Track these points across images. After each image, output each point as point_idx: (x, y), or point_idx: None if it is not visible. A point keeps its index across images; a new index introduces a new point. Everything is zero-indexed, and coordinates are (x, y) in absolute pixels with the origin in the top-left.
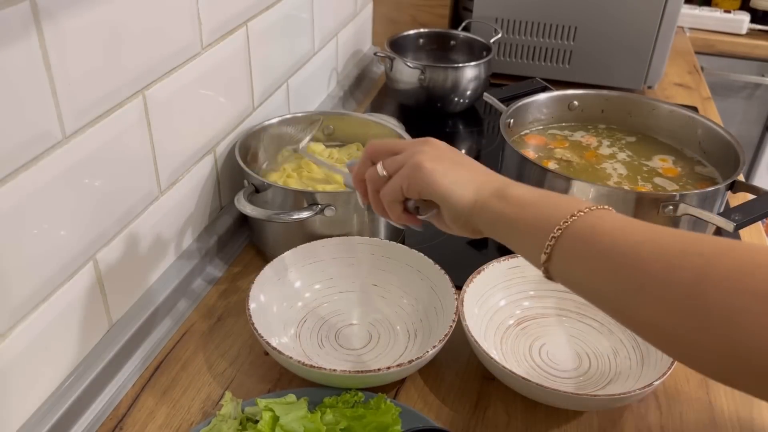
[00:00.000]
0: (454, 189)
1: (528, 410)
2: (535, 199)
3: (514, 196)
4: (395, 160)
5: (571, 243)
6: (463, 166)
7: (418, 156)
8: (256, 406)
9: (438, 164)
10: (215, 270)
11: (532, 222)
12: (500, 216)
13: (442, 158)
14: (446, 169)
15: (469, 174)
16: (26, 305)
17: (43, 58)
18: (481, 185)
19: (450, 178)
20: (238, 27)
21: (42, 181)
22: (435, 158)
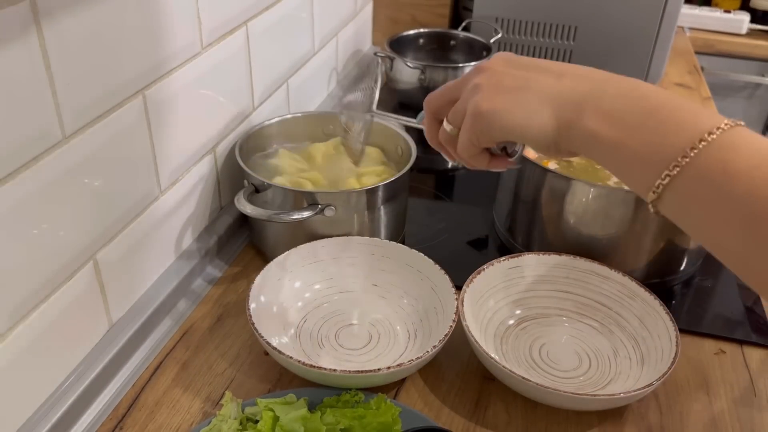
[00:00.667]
0: (528, 124)
1: (528, 410)
2: (641, 119)
3: (611, 114)
4: (456, 111)
5: (692, 184)
6: (528, 87)
7: (475, 99)
8: (256, 406)
9: (498, 101)
10: (215, 270)
11: (640, 150)
12: (595, 139)
13: (501, 89)
14: (509, 103)
15: (538, 95)
16: (26, 305)
17: (43, 58)
18: (559, 104)
19: (518, 114)
20: (238, 27)
21: (42, 181)
22: (492, 94)
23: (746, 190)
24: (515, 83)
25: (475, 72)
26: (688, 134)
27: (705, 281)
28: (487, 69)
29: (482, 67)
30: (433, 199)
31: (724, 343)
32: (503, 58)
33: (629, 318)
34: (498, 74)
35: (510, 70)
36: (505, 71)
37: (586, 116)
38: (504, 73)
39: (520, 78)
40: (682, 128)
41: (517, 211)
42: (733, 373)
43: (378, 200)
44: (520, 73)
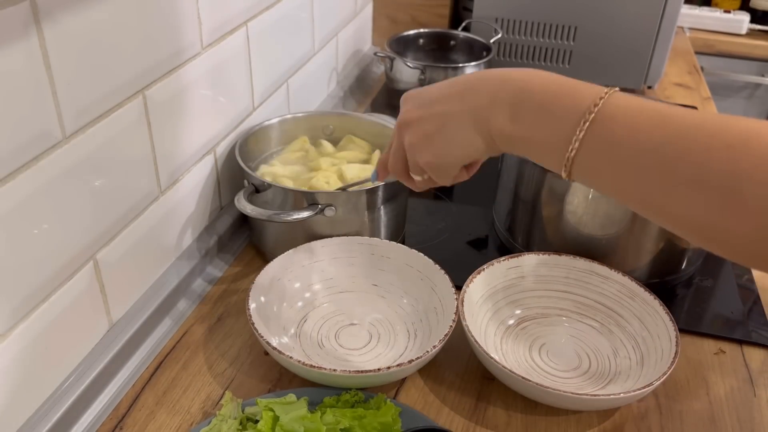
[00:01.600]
0: (467, 152)
1: (528, 410)
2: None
3: (512, 118)
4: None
5: (590, 157)
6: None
7: (420, 156)
8: (256, 406)
9: (434, 149)
10: (215, 270)
11: (544, 140)
12: (511, 139)
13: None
14: (443, 146)
15: (457, 126)
16: (26, 305)
17: (43, 58)
18: (475, 123)
19: (455, 150)
20: (238, 27)
21: (42, 181)
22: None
23: (632, 153)
24: (435, 125)
25: (402, 128)
26: (574, 118)
27: (705, 281)
28: (408, 124)
29: (404, 122)
30: (433, 199)
31: (724, 343)
32: (411, 103)
33: (629, 318)
34: (418, 124)
35: (423, 113)
36: (421, 117)
37: (497, 125)
38: (421, 120)
39: (435, 117)
40: (568, 114)
41: (517, 211)
42: (732, 373)
43: (378, 200)
44: (433, 112)
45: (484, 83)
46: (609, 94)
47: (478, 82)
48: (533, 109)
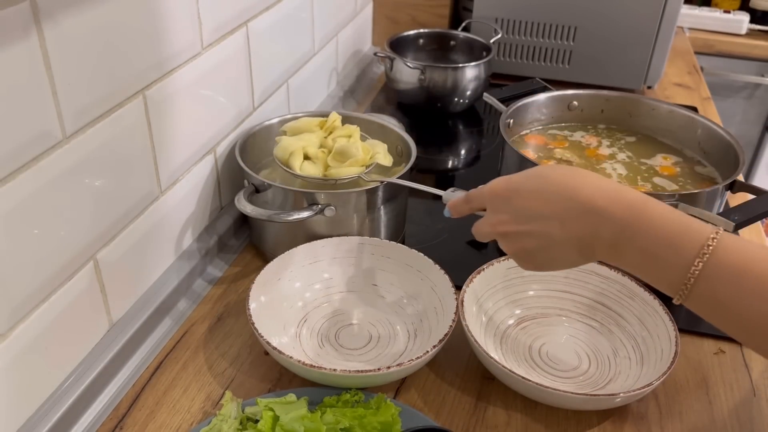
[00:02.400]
0: (563, 268)
1: (528, 410)
2: (639, 259)
3: (615, 256)
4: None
5: (708, 286)
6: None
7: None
8: (257, 406)
9: (534, 265)
10: (215, 270)
11: (650, 278)
12: (621, 265)
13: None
14: (543, 263)
15: (560, 249)
16: (26, 305)
17: (43, 58)
18: (578, 248)
19: (554, 267)
20: (238, 27)
21: (42, 181)
22: (526, 261)
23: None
24: (536, 245)
25: (499, 235)
26: (678, 270)
27: None
28: (505, 235)
29: (501, 233)
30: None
31: (724, 342)
32: (506, 212)
33: (629, 318)
34: (517, 238)
35: (522, 229)
36: (519, 233)
37: (601, 255)
38: (520, 235)
39: (536, 237)
40: (671, 267)
41: None
42: (732, 373)
43: (378, 200)
44: (533, 230)
45: (582, 213)
46: (718, 238)
47: (576, 209)
48: (637, 252)
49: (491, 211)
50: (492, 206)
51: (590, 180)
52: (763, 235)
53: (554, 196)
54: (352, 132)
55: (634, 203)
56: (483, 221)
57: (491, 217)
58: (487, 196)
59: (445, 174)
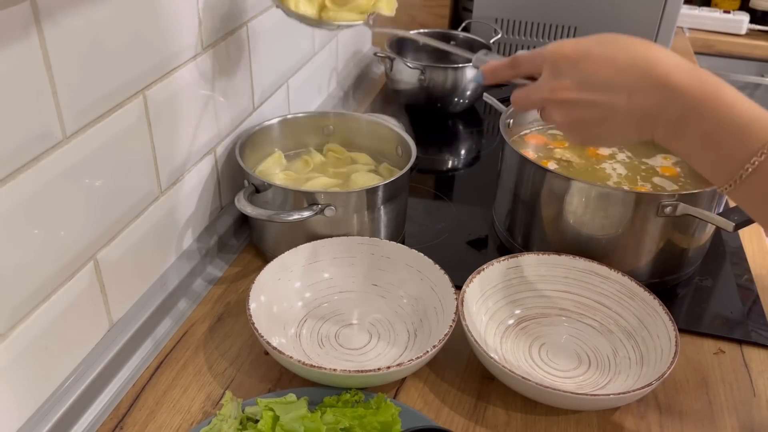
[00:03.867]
0: (617, 142)
1: (528, 410)
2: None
3: (677, 135)
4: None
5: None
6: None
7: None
8: (257, 406)
9: (588, 136)
10: (215, 270)
11: (708, 163)
12: (673, 151)
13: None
14: (599, 135)
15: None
16: (26, 305)
17: (44, 58)
18: (638, 124)
19: (609, 140)
20: (238, 27)
21: (42, 181)
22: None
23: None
24: (595, 115)
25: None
26: (736, 162)
27: (704, 281)
28: (563, 102)
29: (557, 101)
30: (433, 199)
31: (724, 342)
32: (570, 76)
33: (629, 318)
34: (576, 106)
35: (584, 97)
36: (580, 101)
37: (660, 135)
38: (580, 104)
39: (597, 107)
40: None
41: (517, 211)
42: (732, 373)
43: (378, 200)
44: (596, 100)
45: (654, 86)
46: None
47: (649, 81)
48: (700, 135)
49: (552, 74)
50: (554, 69)
51: (666, 54)
52: (762, 235)
53: (628, 66)
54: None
55: (708, 84)
56: (536, 86)
57: (550, 82)
58: (549, 57)
59: (445, 174)
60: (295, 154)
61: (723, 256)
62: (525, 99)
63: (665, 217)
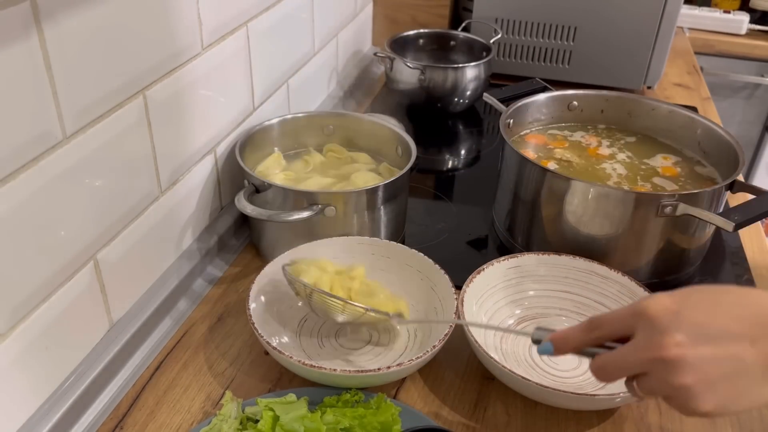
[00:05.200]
0: (750, 408)
1: (528, 410)
2: None
3: None
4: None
5: None
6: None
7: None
8: (257, 406)
9: (717, 399)
10: (215, 270)
11: None
12: None
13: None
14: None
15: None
16: (26, 305)
17: (44, 58)
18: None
19: (741, 404)
20: (238, 27)
21: (42, 181)
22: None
23: None
24: (722, 370)
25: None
26: None
27: (705, 281)
28: (684, 365)
29: (676, 362)
30: (433, 199)
31: None
32: (681, 330)
33: None
34: (700, 367)
35: (706, 353)
36: (702, 357)
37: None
38: (705, 361)
39: (722, 361)
40: None
41: (517, 211)
42: None
43: (378, 200)
44: (719, 353)
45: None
46: None
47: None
48: None
49: (653, 331)
50: (655, 324)
51: (761, 291)
52: (762, 236)
53: (735, 308)
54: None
55: None
56: (634, 347)
57: (653, 339)
58: (643, 311)
59: (445, 174)
60: (295, 154)
61: (723, 256)
62: (618, 364)
63: (665, 217)
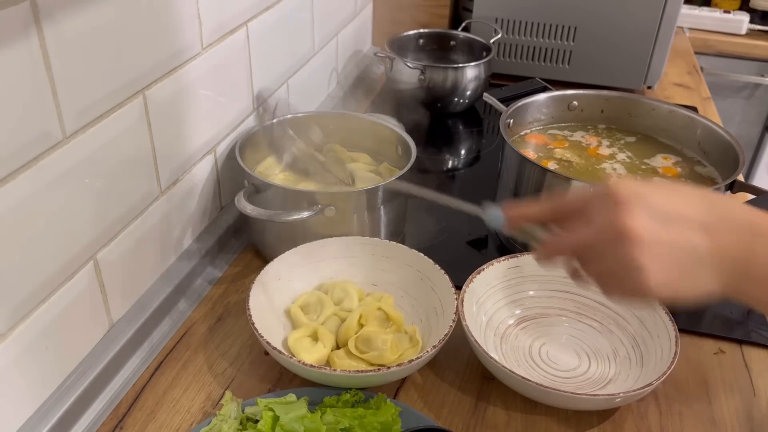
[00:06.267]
0: (695, 294)
1: (528, 410)
2: None
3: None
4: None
5: None
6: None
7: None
8: (257, 406)
9: (663, 278)
10: (215, 270)
11: None
12: (759, 304)
13: (663, 264)
14: (675, 279)
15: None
16: (26, 305)
17: (43, 58)
18: (720, 270)
19: (686, 288)
20: (238, 27)
21: (42, 181)
22: (656, 271)
23: None
24: (674, 255)
25: (624, 239)
26: None
27: None
28: (639, 237)
29: (632, 237)
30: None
31: (724, 342)
32: (642, 211)
33: (629, 318)
34: (656, 246)
35: (661, 235)
36: (657, 238)
37: (747, 284)
38: (657, 242)
39: (675, 245)
40: None
41: None
42: (732, 373)
43: (378, 200)
44: (672, 237)
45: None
46: None
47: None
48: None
49: (615, 209)
50: (616, 202)
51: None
52: None
53: (698, 199)
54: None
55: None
56: (586, 224)
57: (615, 215)
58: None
59: (445, 174)
60: None
61: None
62: (571, 240)
63: None
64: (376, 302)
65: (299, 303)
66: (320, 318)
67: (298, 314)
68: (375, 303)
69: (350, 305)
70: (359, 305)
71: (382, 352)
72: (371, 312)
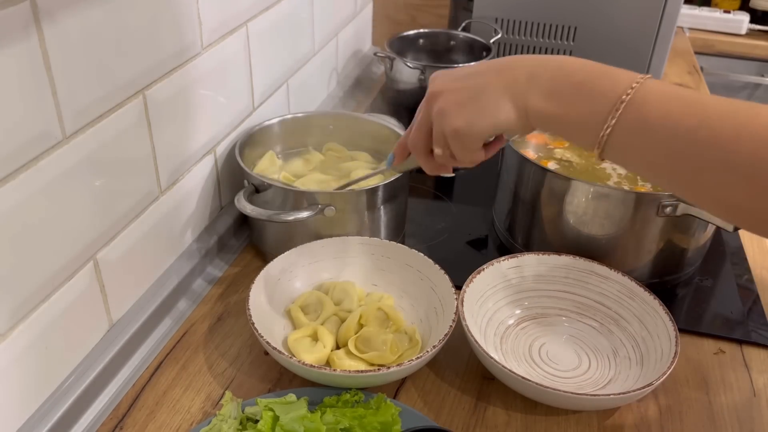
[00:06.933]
0: (497, 121)
1: (528, 410)
2: (572, 94)
3: (550, 94)
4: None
5: (623, 138)
6: (481, 92)
7: (447, 122)
8: (256, 406)
9: (465, 114)
10: (215, 270)
11: (579, 119)
12: (545, 116)
13: (461, 103)
14: (475, 111)
15: (493, 95)
16: (26, 305)
17: (43, 58)
18: (512, 94)
19: (486, 117)
20: (238, 27)
21: (42, 181)
22: (458, 111)
23: (664, 137)
24: (469, 93)
25: (431, 99)
26: (610, 99)
27: (704, 281)
28: (439, 93)
29: (435, 93)
30: (433, 199)
31: (724, 342)
32: (443, 77)
33: (629, 318)
34: (451, 92)
35: (458, 84)
36: (455, 88)
37: (533, 101)
38: (455, 89)
39: (470, 87)
40: (605, 95)
41: (517, 211)
42: (732, 372)
43: (378, 200)
44: (468, 83)
45: (521, 61)
46: (644, 80)
47: (515, 61)
48: (570, 88)
49: (429, 88)
50: (432, 84)
51: None
52: None
53: (494, 60)
54: None
55: (571, 57)
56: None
57: (428, 93)
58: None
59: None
60: (295, 153)
61: (723, 256)
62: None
63: (665, 217)
64: (376, 302)
65: (299, 303)
66: (320, 318)
67: (298, 314)
68: (375, 303)
69: (350, 305)
70: (359, 305)
71: (382, 352)
72: (371, 312)
